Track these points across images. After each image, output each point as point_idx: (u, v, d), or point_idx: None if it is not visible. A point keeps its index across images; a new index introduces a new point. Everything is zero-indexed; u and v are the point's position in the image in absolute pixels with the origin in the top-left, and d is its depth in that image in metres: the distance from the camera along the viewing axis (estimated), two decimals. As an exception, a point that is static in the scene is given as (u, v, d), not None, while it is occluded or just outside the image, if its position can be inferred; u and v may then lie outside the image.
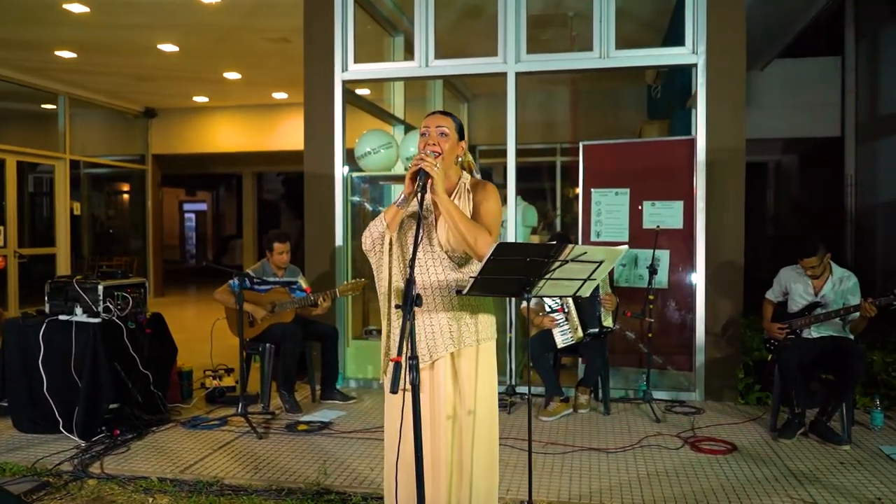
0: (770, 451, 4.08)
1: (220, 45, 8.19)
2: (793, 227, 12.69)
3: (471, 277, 2.32)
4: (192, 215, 23.45)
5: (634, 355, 5.45)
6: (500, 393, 5.25)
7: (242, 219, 15.96)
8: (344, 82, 5.64)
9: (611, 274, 5.30)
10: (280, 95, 11.29)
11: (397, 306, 2.23)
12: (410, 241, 2.50)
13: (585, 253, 2.18)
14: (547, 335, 4.83)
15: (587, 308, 4.75)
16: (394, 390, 2.05)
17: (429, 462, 2.54)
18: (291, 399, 4.95)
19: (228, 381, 5.42)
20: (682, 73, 7.09)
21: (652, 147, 5.60)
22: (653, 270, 4.97)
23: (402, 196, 2.48)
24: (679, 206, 5.30)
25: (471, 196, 2.53)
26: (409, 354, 2.19)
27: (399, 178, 6.39)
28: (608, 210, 5.50)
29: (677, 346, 5.33)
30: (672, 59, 5.30)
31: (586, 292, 2.43)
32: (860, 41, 9.64)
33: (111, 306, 4.44)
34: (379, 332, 5.91)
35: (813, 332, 4.40)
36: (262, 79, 10.16)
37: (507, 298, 5.80)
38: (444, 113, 2.58)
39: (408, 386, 2.48)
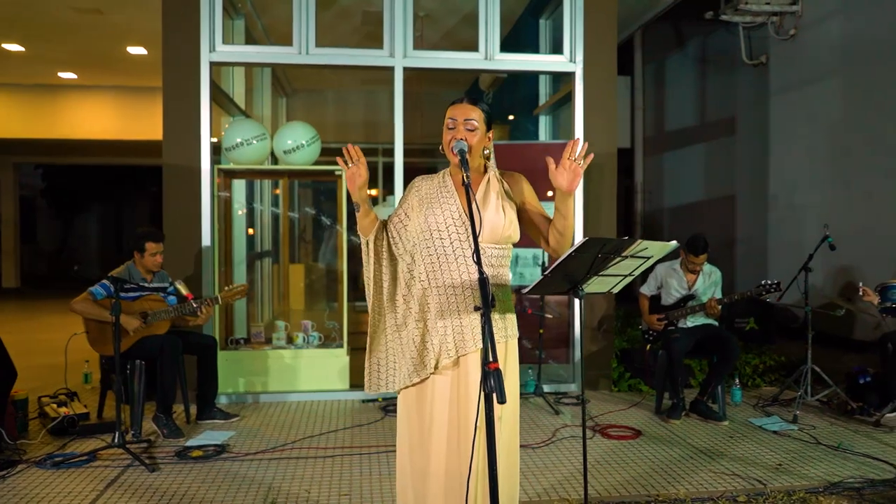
0: (668, 433, 4.44)
1: (5, 8, 6.89)
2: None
3: (544, 274, 2.20)
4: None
5: (520, 351, 5.60)
6: (394, 397, 5.12)
7: (1, 219, 13.57)
8: (212, 64, 5.06)
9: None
10: (68, 75, 9.82)
11: (476, 308, 2.04)
12: (431, 236, 2.32)
13: (647, 248, 2.19)
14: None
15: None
16: (501, 400, 1.88)
17: (452, 472, 2.36)
18: (170, 422, 4.31)
19: (77, 408, 4.57)
20: (526, 82, 7.47)
21: (531, 150, 5.80)
22: (545, 269, 5.15)
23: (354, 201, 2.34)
24: (557, 206, 5.55)
25: (504, 186, 2.40)
26: (489, 358, 2.02)
27: (273, 173, 5.91)
28: (490, 210, 5.58)
29: (557, 341, 5.58)
30: (552, 66, 5.53)
31: (618, 289, 2.44)
32: (647, 64, 10.91)
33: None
34: (247, 340, 5.44)
35: (688, 322, 4.87)
36: (50, 54, 8.75)
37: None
38: (472, 102, 2.41)
39: (417, 390, 2.33)
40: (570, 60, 5.43)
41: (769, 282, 4.54)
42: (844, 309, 5.24)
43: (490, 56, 5.34)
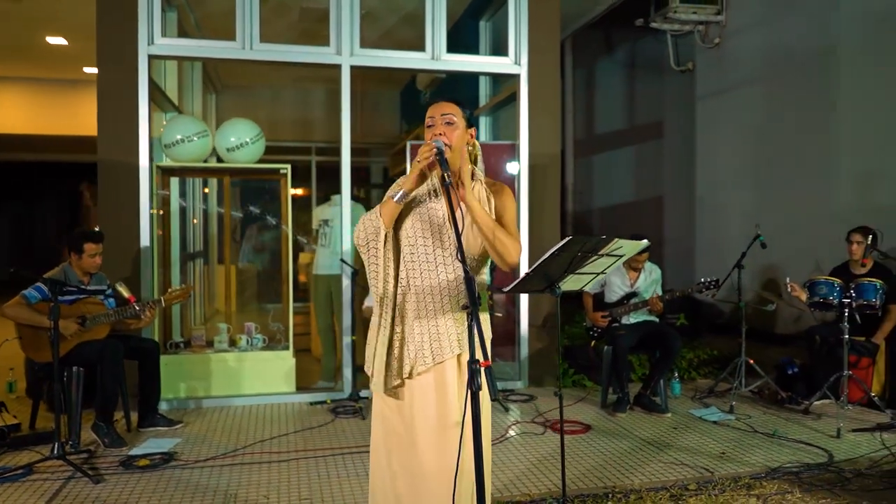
0: (616, 426, 4.58)
1: None
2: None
3: (525, 273, 2.23)
4: None
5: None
6: (343, 399, 5.08)
7: None
8: (150, 57, 4.87)
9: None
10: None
11: (465, 307, 2.05)
12: (411, 238, 2.31)
13: (621, 247, 2.25)
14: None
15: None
16: (495, 397, 1.89)
17: (433, 471, 2.36)
18: (112, 431, 4.13)
19: (7, 419, 4.30)
20: (466, 82, 7.53)
21: (484, 149, 5.83)
22: (493, 268, 5.20)
23: (402, 191, 2.27)
24: (503, 206, 5.63)
25: (490, 196, 2.39)
26: (472, 358, 2.04)
27: (216, 171, 5.73)
28: (436, 210, 5.60)
29: (503, 339, 5.66)
30: (497, 67, 5.60)
31: (589, 286, 2.50)
32: (577, 69, 11.19)
33: None
34: (186, 344, 5.27)
35: (631, 319, 5.03)
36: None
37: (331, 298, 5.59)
38: (449, 100, 2.42)
39: (395, 390, 2.32)
40: (514, 63, 5.52)
41: (709, 279, 4.75)
42: (775, 304, 5.53)
43: (437, 56, 5.36)
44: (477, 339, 1.97)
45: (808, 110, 6.84)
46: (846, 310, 4.40)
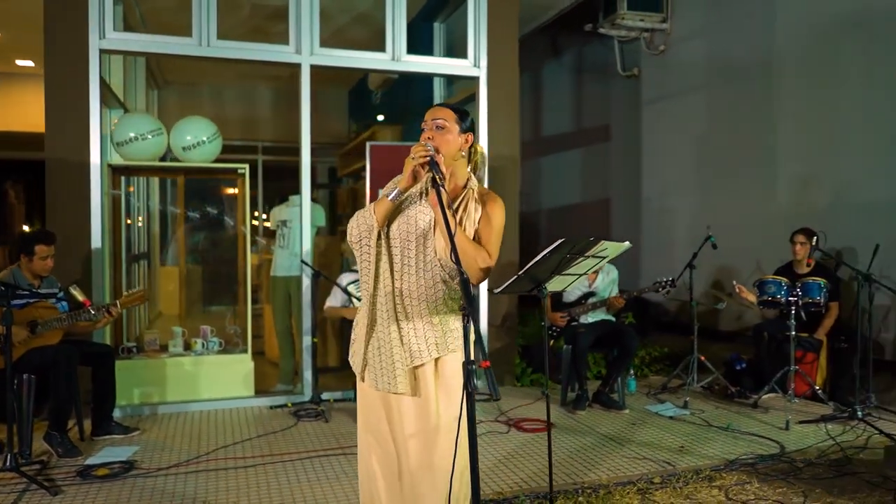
0: (576, 423, 4.68)
1: None
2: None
3: (517, 274, 2.26)
4: None
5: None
6: (304, 402, 5.02)
7: None
8: (101, 52, 4.71)
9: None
10: None
11: (462, 308, 2.06)
12: (395, 240, 2.32)
13: (606, 249, 2.32)
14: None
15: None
16: (497, 397, 1.92)
17: (409, 471, 2.38)
18: (66, 440, 3.97)
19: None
20: (421, 84, 7.55)
21: (435, 151, 5.85)
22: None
23: (397, 189, 2.28)
24: (462, 208, 5.67)
25: (479, 206, 2.39)
26: (468, 359, 2.08)
27: (172, 171, 5.56)
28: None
29: (463, 339, 5.69)
30: (457, 69, 5.64)
31: (571, 287, 2.56)
32: (524, 73, 11.34)
33: None
34: (139, 349, 5.12)
35: (589, 318, 5.15)
36: None
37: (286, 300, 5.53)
38: (443, 105, 2.43)
39: (398, 389, 2.32)
40: (474, 65, 5.57)
41: (665, 279, 4.90)
42: (725, 302, 5.76)
43: (397, 57, 5.36)
44: (467, 340, 2.01)
45: (750, 117, 7.14)
46: (793, 308, 4.62)
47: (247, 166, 5.19)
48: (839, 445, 4.08)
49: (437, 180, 2.23)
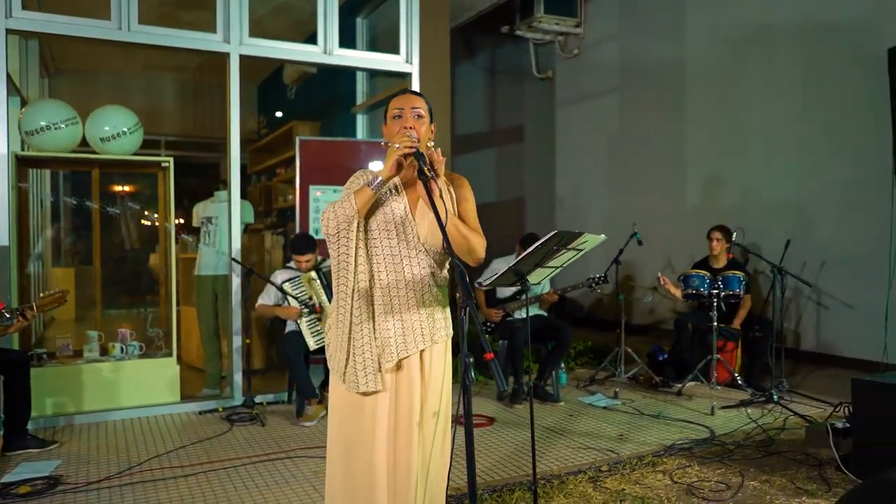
0: (517, 417, 4.75)
1: None
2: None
3: (499, 270, 2.26)
4: None
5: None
6: (236, 406, 4.83)
7: None
8: (8, 31, 4.32)
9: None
10: None
11: (464, 301, 2.04)
12: (374, 232, 2.27)
13: (586, 241, 2.37)
14: (298, 338, 4.61)
15: (344, 305, 4.69)
16: (503, 387, 1.91)
17: (390, 470, 2.34)
18: (-23, 457, 3.61)
19: None
20: (344, 78, 7.42)
21: (368, 147, 5.76)
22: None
23: (379, 179, 2.23)
24: (394, 205, 5.62)
25: (450, 190, 2.40)
26: (465, 351, 2.06)
27: (88, 163, 5.16)
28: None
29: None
30: (389, 65, 5.57)
31: (545, 280, 2.60)
32: (438, 71, 11.40)
33: None
34: (50, 355, 4.75)
35: (523, 313, 5.24)
36: None
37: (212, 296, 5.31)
38: (415, 93, 2.40)
39: (379, 387, 2.27)
40: (406, 61, 5.53)
41: (597, 275, 5.06)
42: (652, 296, 6.02)
43: (329, 51, 5.24)
44: (457, 334, 1.99)
45: (661, 120, 7.50)
46: (714, 300, 4.90)
47: (171, 160, 4.92)
48: (762, 427, 4.36)
49: (426, 172, 2.20)
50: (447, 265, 2.42)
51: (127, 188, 9.88)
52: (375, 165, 5.49)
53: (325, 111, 8.09)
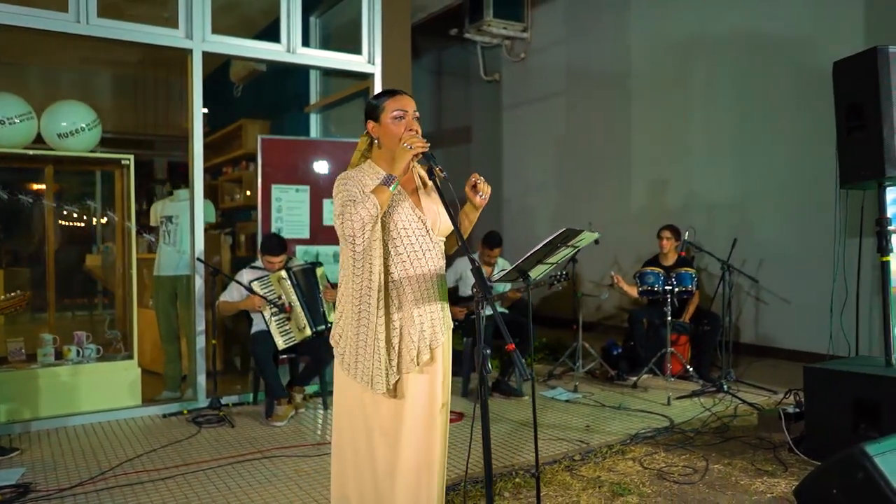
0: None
1: None
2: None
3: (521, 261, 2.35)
4: None
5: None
6: (202, 408, 4.75)
7: None
8: (-41, 22, 4.13)
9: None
10: None
11: (481, 297, 2.12)
12: (398, 228, 2.33)
13: (583, 239, 2.50)
14: (266, 338, 4.58)
15: (312, 304, 4.70)
16: (526, 377, 2.00)
17: (416, 462, 2.39)
18: (-63, 466, 3.44)
19: None
20: (297, 77, 7.35)
21: (332, 146, 5.75)
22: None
23: (396, 178, 2.29)
24: (357, 204, 5.63)
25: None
26: (482, 344, 2.16)
27: (45, 160, 4.96)
28: (289, 207, 5.45)
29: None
30: (352, 65, 5.58)
31: (542, 276, 2.72)
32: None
33: None
34: (2, 360, 4.56)
35: (487, 311, 5.34)
36: None
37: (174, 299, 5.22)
38: (406, 93, 2.47)
39: (407, 385, 2.32)
40: (368, 62, 5.57)
41: (558, 273, 5.23)
42: (608, 293, 6.24)
43: (292, 49, 5.23)
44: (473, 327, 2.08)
45: (607, 123, 7.79)
46: (668, 296, 5.15)
47: (131, 157, 4.79)
48: (716, 415, 4.62)
49: (437, 172, 2.29)
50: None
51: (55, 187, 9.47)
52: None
53: (274, 110, 8.00)
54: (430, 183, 2.50)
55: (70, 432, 4.35)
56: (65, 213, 5.63)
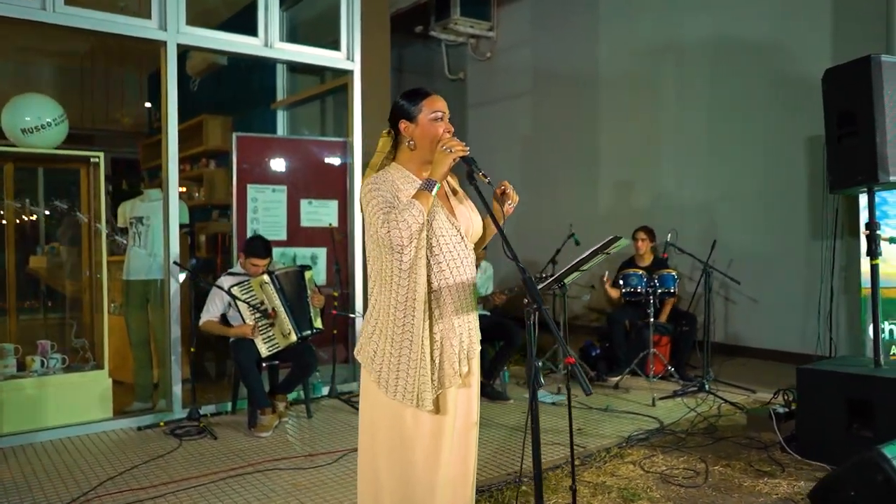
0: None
1: None
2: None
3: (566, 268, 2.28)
4: None
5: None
6: (180, 419, 4.53)
7: None
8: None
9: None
10: None
11: (528, 305, 2.04)
12: (437, 236, 2.22)
13: (618, 246, 2.46)
14: (249, 345, 4.40)
15: (298, 310, 4.53)
16: (589, 392, 1.94)
17: (453, 475, 2.31)
18: None
19: None
20: (264, 72, 7.11)
21: (308, 145, 5.57)
22: (338, 269, 5.06)
23: (437, 183, 2.19)
24: (335, 205, 5.48)
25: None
26: (532, 355, 2.10)
27: (6, 157, 4.61)
28: (265, 207, 5.25)
29: (339, 340, 5.51)
30: (331, 62, 5.42)
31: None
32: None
33: None
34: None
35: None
36: None
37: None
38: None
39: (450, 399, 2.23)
40: (347, 58, 5.41)
41: (542, 274, 5.21)
42: (590, 295, 6.25)
43: (270, 44, 5.04)
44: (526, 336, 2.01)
45: (574, 124, 7.82)
46: (651, 297, 5.19)
47: (101, 154, 4.51)
48: (702, 415, 4.67)
49: (480, 177, 2.21)
50: None
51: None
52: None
53: (237, 105, 7.72)
54: (459, 190, 2.44)
55: (38, 449, 4.06)
56: (24, 215, 5.28)
